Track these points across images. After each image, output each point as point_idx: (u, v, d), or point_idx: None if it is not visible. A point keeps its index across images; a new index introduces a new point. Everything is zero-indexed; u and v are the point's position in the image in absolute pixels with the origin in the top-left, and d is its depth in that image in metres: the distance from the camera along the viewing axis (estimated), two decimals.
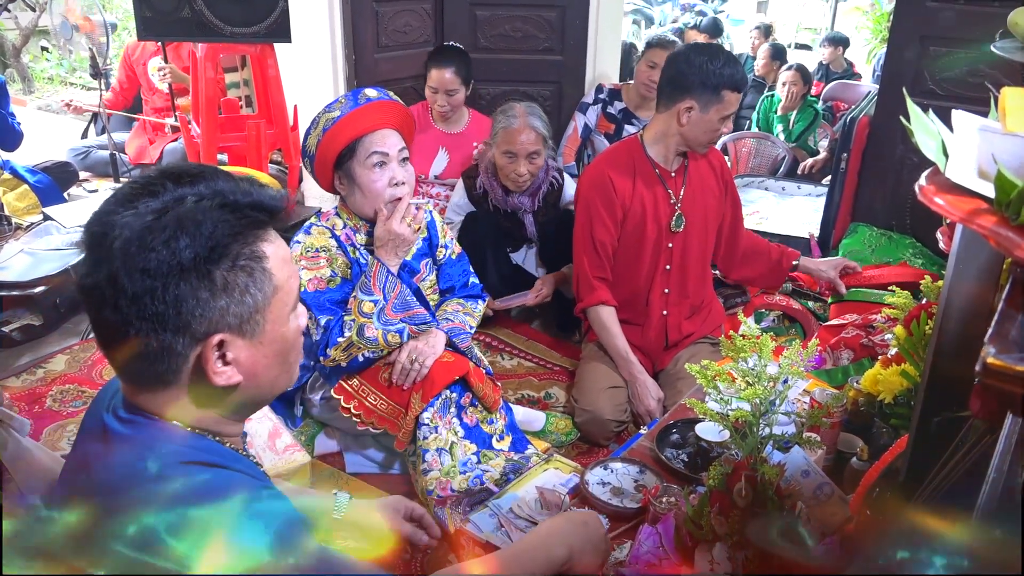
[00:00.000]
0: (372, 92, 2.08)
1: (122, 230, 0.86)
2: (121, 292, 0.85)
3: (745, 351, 1.46)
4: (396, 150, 2.07)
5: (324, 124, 2.05)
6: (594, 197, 2.42)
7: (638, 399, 2.42)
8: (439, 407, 2.06)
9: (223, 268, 0.89)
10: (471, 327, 2.28)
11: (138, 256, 0.85)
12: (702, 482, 1.63)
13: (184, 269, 0.86)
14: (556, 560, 1.23)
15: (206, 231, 0.87)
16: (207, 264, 0.87)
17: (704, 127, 2.30)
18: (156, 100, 4.58)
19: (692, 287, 2.54)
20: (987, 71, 2.81)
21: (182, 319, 0.87)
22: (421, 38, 3.73)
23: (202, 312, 0.88)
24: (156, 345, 0.88)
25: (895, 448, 1.41)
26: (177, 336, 0.88)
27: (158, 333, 0.87)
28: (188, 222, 0.86)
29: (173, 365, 0.90)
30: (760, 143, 4.81)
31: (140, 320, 0.86)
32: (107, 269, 0.86)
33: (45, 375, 2.71)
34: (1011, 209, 0.71)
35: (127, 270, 0.85)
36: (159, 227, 0.85)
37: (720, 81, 2.24)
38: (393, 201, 2.07)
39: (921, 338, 1.56)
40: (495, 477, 2.02)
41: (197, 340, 0.89)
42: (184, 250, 0.85)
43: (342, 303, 2.07)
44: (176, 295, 0.86)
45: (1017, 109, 0.78)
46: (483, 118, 3.44)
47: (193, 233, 0.86)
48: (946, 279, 1.01)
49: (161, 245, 0.85)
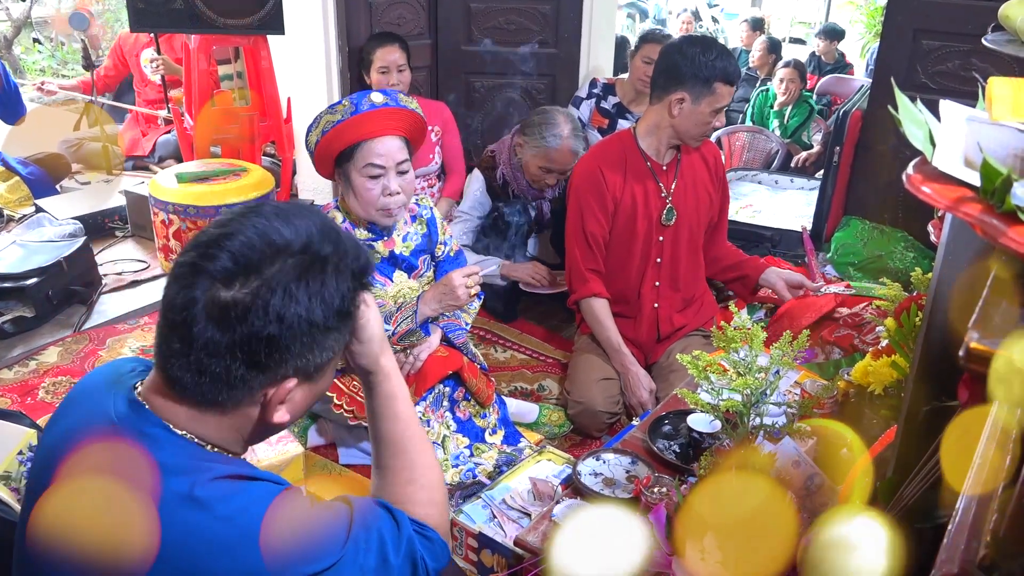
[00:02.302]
0: (378, 97, 2.00)
1: (275, 277, 0.88)
2: (245, 323, 0.87)
3: (736, 342, 1.46)
4: (394, 161, 2.01)
5: (324, 126, 2.00)
6: (585, 190, 2.42)
7: (630, 391, 2.43)
8: (431, 401, 2.06)
9: (336, 332, 0.95)
10: (467, 323, 2.27)
11: (281, 304, 0.88)
12: (693, 472, 1.64)
13: (312, 326, 0.91)
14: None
15: (336, 297, 0.93)
16: (327, 326, 0.93)
17: (695, 119, 2.30)
18: (149, 92, 4.56)
19: (683, 280, 2.55)
20: (979, 64, 2.82)
21: (274, 361, 0.90)
22: (415, 30, 3.72)
23: (296, 360, 0.92)
24: (237, 375, 0.90)
25: (885, 438, 1.42)
26: (263, 374, 0.91)
27: (248, 367, 0.89)
28: (328, 286, 0.92)
29: (238, 396, 0.92)
30: (754, 137, 4.81)
31: (242, 352, 0.88)
32: (247, 299, 0.87)
33: (38, 367, 2.70)
34: (996, 197, 0.72)
35: (263, 310, 0.87)
36: (302, 287, 0.90)
37: (712, 73, 2.23)
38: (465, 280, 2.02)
39: (911, 329, 1.57)
40: (488, 470, 2.02)
41: (275, 381, 0.92)
42: (317, 311, 0.91)
43: None
44: (288, 341, 0.90)
45: (1003, 98, 0.78)
46: (433, 103, 3.41)
47: (328, 297, 0.92)
48: (935, 270, 1.01)
49: (304, 300, 0.89)
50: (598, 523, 1.49)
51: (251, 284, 0.87)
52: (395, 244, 2.16)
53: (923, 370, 1.07)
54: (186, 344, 0.88)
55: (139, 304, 3.10)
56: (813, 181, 4.13)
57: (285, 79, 3.67)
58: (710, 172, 2.53)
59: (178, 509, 0.87)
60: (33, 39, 8.07)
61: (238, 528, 0.87)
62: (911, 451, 1.09)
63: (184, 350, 0.89)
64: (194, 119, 3.72)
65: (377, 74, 3.20)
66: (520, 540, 1.60)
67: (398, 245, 2.16)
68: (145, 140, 4.58)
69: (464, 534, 1.77)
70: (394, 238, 2.16)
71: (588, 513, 1.59)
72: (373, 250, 2.13)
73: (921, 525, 1.03)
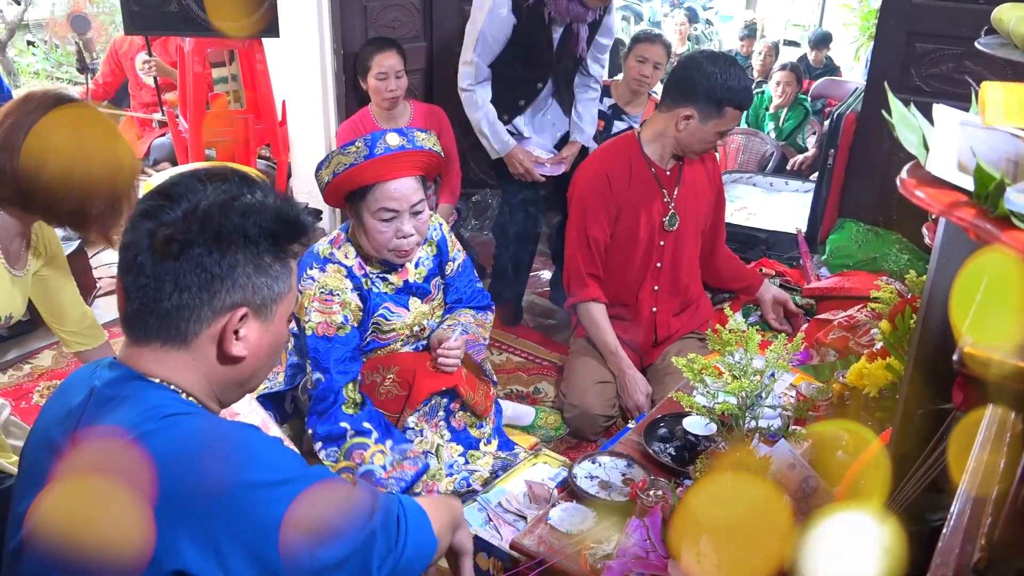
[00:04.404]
0: (394, 139, 1.88)
1: (200, 195, 0.99)
2: (187, 244, 0.97)
3: (732, 345, 1.47)
4: (409, 203, 1.92)
5: (336, 167, 1.90)
6: (589, 194, 2.42)
7: (626, 394, 2.43)
8: (426, 412, 2.05)
9: (271, 253, 1.03)
10: (485, 339, 2.24)
11: (216, 217, 0.99)
12: (689, 475, 1.64)
13: (248, 240, 1.00)
14: (457, 517, 1.28)
15: (269, 220, 1.02)
16: (262, 243, 1.02)
17: (700, 137, 2.30)
18: (144, 95, 4.55)
19: (682, 285, 2.55)
20: (972, 67, 2.83)
21: (225, 283, 1.00)
22: (410, 33, 3.72)
23: (243, 283, 1.01)
24: (192, 301, 0.99)
25: (879, 441, 1.42)
26: (214, 298, 1.00)
27: (199, 291, 0.98)
28: (259, 209, 1.02)
29: (196, 326, 1.00)
30: (749, 139, 4.82)
31: (191, 273, 0.98)
32: (179, 220, 0.97)
33: (32, 371, 2.69)
34: (989, 201, 0.72)
35: (200, 226, 0.98)
36: (238, 204, 1.01)
37: (726, 96, 2.22)
38: None
39: (906, 332, 1.57)
40: (484, 476, 2.02)
41: (227, 308, 1.01)
42: (252, 226, 1.01)
43: (344, 362, 1.98)
44: (231, 260, 0.99)
45: (996, 103, 0.79)
46: (428, 107, 3.41)
47: (260, 218, 1.02)
48: (929, 273, 1.01)
49: (237, 216, 1.00)
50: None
51: (182, 209, 0.98)
52: (408, 273, 2.10)
53: (918, 373, 1.08)
54: (137, 283, 0.99)
55: None
56: (808, 183, 4.14)
57: (280, 82, 3.67)
58: (709, 179, 2.54)
59: (157, 432, 0.94)
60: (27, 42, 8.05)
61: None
62: (906, 454, 1.10)
63: (136, 291, 0.99)
64: (189, 122, 3.71)
65: (375, 80, 3.19)
66: (516, 543, 1.60)
67: (411, 273, 2.10)
68: (140, 143, 4.57)
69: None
70: (407, 267, 2.09)
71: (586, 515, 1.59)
72: (387, 282, 2.06)
73: (916, 528, 1.04)
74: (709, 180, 2.54)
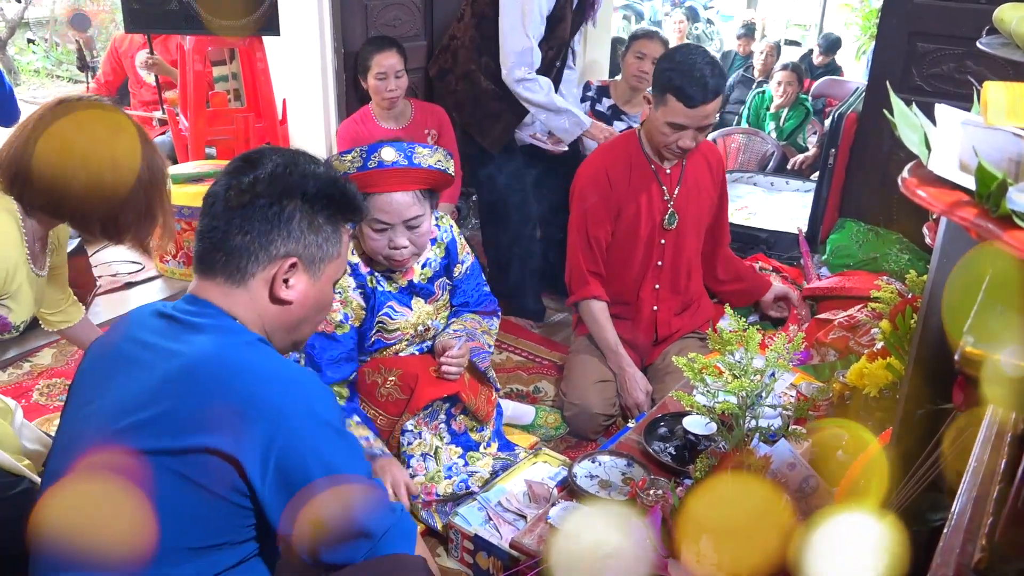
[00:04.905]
0: (389, 155, 1.82)
1: (272, 159, 1.20)
2: (256, 195, 1.16)
3: (732, 344, 1.47)
4: (401, 218, 1.87)
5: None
6: (590, 192, 2.42)
7: (626, 392, 2.43)
8: (426, 415, 2.05)
9: (324, 215, 1.21)
10: (489, 346, 2.23)
11: (281, 177, 1.18)
12: (689, 475, 1.64)
13: (305, 198, 1.18)
14: None
15: (326, 186, 1.21)
16: (317, 204, 1.20)
17: (654, 126, 2.30)
18: (144, 93, 4.54)
19: (683, 283, 2.55)
20: (973, 67, 2.82)
21: (280, 232, 1.17)
22: (411, 32, 3.71)
23: (296, 236, 1.18)
24: (251, 244, 1.15)
25: (880, 441, 1.42)
26: (271, 244, 1.16)
27: (259, 235, 1.16)
28: (319, 175, 1.21)
29: (253, 267, 1.16)
30: (749, 139, 4.82)
31: (254, 220, 1.15)
32: (252, 176, 1.17)
33: (31, 368, 2.69)
34: (991, 201, 0.72)
35: (268, 181, 1.17)
36: (300, 169, 1.20)
37: (668, 83, 2.20)
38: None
39: (906, 332, 1.57)
40: (484, 477, 2.02)
41: (279, 256, 1.17)
42: (311, 187, 1.19)
43: (338, 363, 1.98)
44: (289, 213, 1.17)
45: (998, 102, 0.79)
46: (429, 106, 3.41)
47: (318, 182, 1.20)
48: (930, 273, 1.01)
49: (299, 177, 1.19)
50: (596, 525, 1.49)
51: (256, 170, 1.17)
52: (413, 273, 2.07)
53: (918, 373, 1.08)
54: (211, 225, 1.17)
55: (134, 306, 3.06)
56: (808, 183, 4.13)
57: (280, 80, 3.66)
58: (712, 175, 2.53)
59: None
60: (28, 40, 8.05)
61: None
62: (906, 453, 1.10)
63: (209, 232, 1.17)
64: (189, 120, 3.71)
65: (375, 80, 3.19)
66: (516, 542, 1.60)
67: (416, 274, 2.08)
68: None
69: (460, 536, 1.77)
70: (412, 267, 2.06)
71: (585, 514, 1.59)
72: (391, 281, 2.05)
73: (916, 528, 1.04)
74: (712, 179, 2.53)
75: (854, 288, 2.70)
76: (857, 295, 2.56)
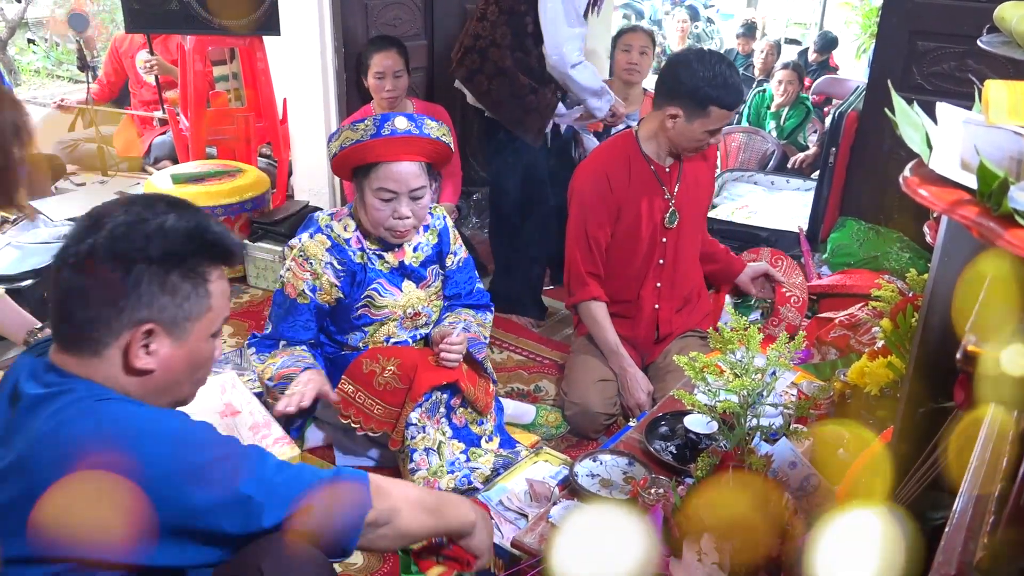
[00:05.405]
0: (402, 123, 1.96)
1: (115, 219, 1.08)
2: (95, 262, 1.06)
3: (733, 343, 1.47)
4: (408, 187, 1.99)
5: (343, 140, 1.99)
6: (589, 193, 2.42)
7: (627, 392, 2.43)
8: (428, 408, 2.05)
9: (179, 272, 1.10)
10: (485, 338, 2.27)
11: (120, 240, 1.07)
12: (690, 474, 1.64)
13: (151, 260, 1.08)
14: (467, 520, 1.40)
15: (176, 242, 1.10)
16: (168, 263, 1.09)
17: (688, 136, 2.29)
18: (144, 93, 4.55)
19: (683, 280, 2.55)
20: (974, 66, 2.82)
21: (129, 300, 1.07)
22: (411, 31, 3.72)
23: (147, 301, 1.08)
24: (96, 317, 1.07)
25: (881, 439, 1.42)
26: (121, 313, 1.07)
27: (103, 306, 1.07)
28: (167, 231, 1.10)
29: (106, 337, 1.08)
30: (750, 138, 4.82)
31: (99, 289, 1.06)
32: (92, 242, 1.07)
33: None
34: (993, 199, 0.72)
35: (107, 247, 1.06)
36: (143, 227, 1.09)
37: (710, 95, 2.19)
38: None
39: (907, 330, 1.57)
40: (485, 474, 2.02)
41: (132, 324, 1.08)
42: (156, 247, 1.08)
43: (294, 328, 2.09)
44: (136, 277, 1.07)
45: (999, 101, 0.79)
46: (430, 105, 3.41)
47: (166, 240, 1.09)
48: (931, 271, 1.01)
49: (141, 238, 1.08)
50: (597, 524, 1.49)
51: (98, 232, 1.07)
52: (405, 254, 2.14)
53: (919, 371, 1.08)
54: (56, 296, 1.09)
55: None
56: (809, 182, 4.13)
57: (281, 80, 3.67)
58: (710, 170, 2.55)
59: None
60: (28, 40, 8.04)
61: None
62: (907, 452, 1.10)
63: (55, 304, 1.09)
64: (189, 120, 3.71)
65: (373, 79, 3.20)
66: (517, 541, 1.60)
67: (408, 255, 2.14)
68: (140, 141, 4.57)
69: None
70: (404, 248, 2.14)
71: (586, 514, 1.59)
72: (383, 260, 2.11)
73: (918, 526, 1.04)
74: (708, 166, 2.55)
75: (855, 286, 2.70)
76: (858, 293, 2.56)
